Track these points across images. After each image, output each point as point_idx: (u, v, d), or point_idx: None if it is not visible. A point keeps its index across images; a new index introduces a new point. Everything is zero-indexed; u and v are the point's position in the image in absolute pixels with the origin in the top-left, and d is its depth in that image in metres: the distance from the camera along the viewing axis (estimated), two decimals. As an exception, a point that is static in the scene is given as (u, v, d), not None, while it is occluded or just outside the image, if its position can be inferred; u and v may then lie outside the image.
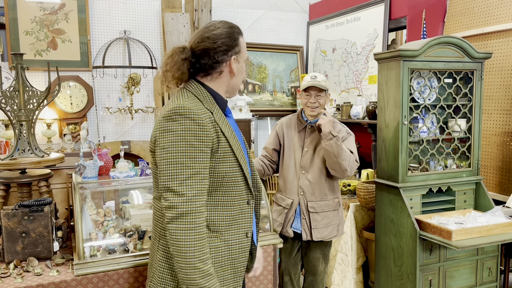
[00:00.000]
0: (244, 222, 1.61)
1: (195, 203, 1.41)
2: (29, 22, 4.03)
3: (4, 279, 1.90)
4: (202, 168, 1.44)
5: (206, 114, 1.48)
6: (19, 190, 2.42)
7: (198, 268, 1.40)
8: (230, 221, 1.57)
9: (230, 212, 1.56)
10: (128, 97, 4.30)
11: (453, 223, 2.58)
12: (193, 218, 1.41)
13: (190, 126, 1.43)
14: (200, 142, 1.43)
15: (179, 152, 1.42)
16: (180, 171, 1.41)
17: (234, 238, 1.58)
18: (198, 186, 1.43)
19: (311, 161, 2.63)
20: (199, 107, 1.48)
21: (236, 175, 1.55)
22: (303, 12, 5.15)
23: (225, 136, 1.51)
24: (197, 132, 1.43)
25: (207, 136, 1.45)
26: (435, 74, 2.82)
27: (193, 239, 1.40)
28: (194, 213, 1.41)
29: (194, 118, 1.43)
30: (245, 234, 1.61)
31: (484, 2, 3.33)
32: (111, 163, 2.49)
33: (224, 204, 1.55)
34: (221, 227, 1.55)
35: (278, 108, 4.87)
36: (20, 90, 2.41)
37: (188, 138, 1.42)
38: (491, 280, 2.83)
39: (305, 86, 2.63)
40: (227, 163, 1.52)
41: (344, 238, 3.29)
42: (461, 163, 2.95)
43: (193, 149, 1.42)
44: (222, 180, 1.52)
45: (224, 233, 1.56)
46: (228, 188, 1.55)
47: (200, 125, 1.44)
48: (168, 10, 4.34)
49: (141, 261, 2.02)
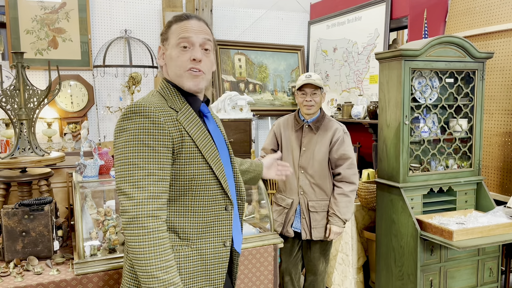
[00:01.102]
0: (221, 230, 1.48)
1: (147, 206, 1.29)
2: (30, 21, 4.03)
3: (4, 278, 1.90)
4: (158, 169, 1.32)
5: (166, 112, 1.37)
6: (20, 189, 2.42)
7: (157, 277, 1.28)
8: (203, 228, 1.44)
9: (203, 219, 1.43)
10: (129, 96, 4.30)
11: (454, 223, 2.58)
12: (146, 223, 1.28)
13: (144, 125, 1.32)
14: (156, 142, 1.32)
15: (131, 152, 1.31)
16: (132, 173, 1.30)
17: (208, 247, 1.45)
18: (152, 189, 1.30)
19: (310, 161, 2.63)
20: (158, 104, 1.37)
21: (207, 178, 1.42)
22: (304, 12, 5.15)
23: (189, 135, 1.39)
24: (151, 130, 1.32)
25: (164, 135, 1.33)
26: (436, 74, 2.81)
27: (147, 246, 1.28)
28: (146, 217, 1.29)
29: (148, 116, 1.32)
30: (223, 243, 1.48)
31: (485, 2, 3.32)
32: (112, 162, 2.48)
33: (195, 210, 1.42)
34: (193, 234, 1.43)
35: (279, 107, 4.87)
36: (21, 89, 2.40)
37: (142, 137, 1.31)
38: (492, 280, 2.82)
39: (300, 84, 2.65)
40: (195, 164, 1.40)
41: (345, 238, 3.28)
42: (462, 163, 2.94)
43: (147, 148, 1.31)
44: (191, 183, 1.40)
45: (196, 241, 1.43)
46: (199, 193, 1.42)
47: (156, 123, 1.33)
48: (169, 9, 4.34)
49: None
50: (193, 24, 1.46)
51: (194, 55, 1.43)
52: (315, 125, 2.66)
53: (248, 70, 4.81)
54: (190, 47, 1.44)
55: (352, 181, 2.61)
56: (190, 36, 1.44)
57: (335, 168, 2.64)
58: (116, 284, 1.97)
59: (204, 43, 1.46)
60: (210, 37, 1.49)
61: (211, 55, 1.50)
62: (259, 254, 2.26)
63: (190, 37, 1.44)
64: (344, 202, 2.58)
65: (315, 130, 2.65)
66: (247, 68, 4.81)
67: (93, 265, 1.95)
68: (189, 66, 1.44)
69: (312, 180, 2.63)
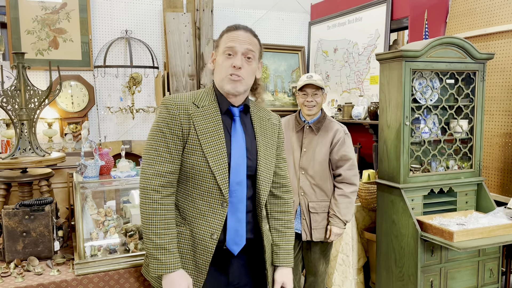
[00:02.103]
0: (212, 222, 1.60)
1: (151, 181, 1.55)
2: (31, 21, 4.03)
3: (5, 278, 1.90)
4: (166, 152, 1.56)
5: (184, 106, 1.59)
6: (20, 190, 2.42)
7: (151, 240, 1.53)
8: (197, 214, 1.61)
9: (198, 206, 1.61)
10: (129, 97, 4.30)
11: (454, 224, 2.58)
12: (149, 195, 1.54)
13: (163, 114, 1.59)
14: (168, 129, 1.57)
15: (151, 135, 1.59)
16: (148, 152, 1.58)
17: (199, 233, 1.61)
18: (157, 167, 1.56)
19: (311, 161, 2.63)
20: (182, 99, 1.61)
21: (203, 170, 1.58)
22: (304, 13, 5.15)
23: (195, 129, 1.58)
24: (167, 119, 1.58)
25: (176, 125, 1.57)
26: (437, 75, 2.81)
27: (148, 213, 1.54)
28: (150, 190, 1.54)
29: (168, 107, 1.59)
30: (210, 234, 1.60)
31: (486, 3, 3.32)
32: (112, 162, 2.48)
33: (192, 196, 1.62)
34: (188, 217, 1.63)
35: (280, 108, 4.87)
36: (22, 89, 2.40)
37: (159, 124, 1.58)
38: (492, 281, 2.82)
39: (301, 85, 2.65)
40: (194, 156, 1.58)
41: (345, 238, 3.28)
42: (463, 164, 2.94)
43: (160, 133, 1.57)
44: (191, 171, 1.60)
45: (190, 223, 1.62)
46: (197, 182, 1.60)
47: (171, 114, 1.58)
48: (169, 9, 4.34)
49: (142, 261, 2.02)
50: (240, 34, 1.63)
51: (234, 62, 1.61)
52: (316, 126, 2.66)
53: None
54: (233, 55, 1.62)
55: (353, 182, 2.61)
56: (234, 46, 1.61)
57: (336, 169, 2.64)
58: (116, 284, 1.97)
59: (246, 52, 1.63)
60: (253, 48, 1.65)
61: (253, 63, 1.66)
62: (259, 255, 2.26)
63: (234, 46, 1.61)
64: (344, 203, 2.58)
65: (316, 131, 2.65)
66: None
67: (93, 265, 1.96)
68: (230, 72, 1.61)
69: (313, 181, 2.63)
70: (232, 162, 1.61)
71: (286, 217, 1.83)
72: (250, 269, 1.74)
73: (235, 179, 1.61)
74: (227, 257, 1.67)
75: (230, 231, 1.63)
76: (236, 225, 1.63)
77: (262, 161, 1.69)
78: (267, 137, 1.75)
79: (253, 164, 1.67)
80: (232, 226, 1.63)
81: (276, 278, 1.77)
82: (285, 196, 1.85)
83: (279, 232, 1.81)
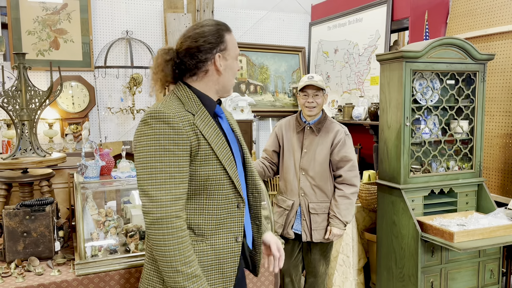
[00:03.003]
0: (233, 226, 1.56)
1: (170, 208, 1.39)
2: (32, 22, 4.04)
3: (6, 278, 1.90)
4: (178, 172, 1.41)
5: (184, 117, 1.44)
6: (21, 190, 2.42)
7: (181, 271, 1.39)
8: (216, 225, 1.53)
9: (216, 216, 1.52)
10: (130, 97, 4.30)
11: (455, 225, 2.58)
12: (170, 223, 1.38)
13: (165, 130, 1.40)
14: (175, 146, 1.40)
15: (153, 156, 1.39)
16: (155, 176, 1.39)
17: (221, 242, 1.54)
18: (174, 191, 1.40)
19: (311, 162, 2.63)
20: (177, 110, 1.45)
21: (221, 178, 1.51)
22: (305, 13, 5.15)
23: (205, 138, 1.47)
24: (171, 136, 1.40)
25: (183, 140, 1.42)
26: (437, 76, 2.81)
27: (172, 244, 1.39)
28: (170, 217, 1.39)
29: (168, 122, 1.40)
30: (235, 238, 1.56)
31: (486, 4, 3.32)
32: (113, 163, 2.48)
33: (209, 208, 1.51)
34: (207, 231, 1.52)
35: (280, 109, 4.87)
36: (22, 90, 2.41)
37: (162, 142, 1.40)
38: (492, 282, 2.82)
39: (302, 85, 2.65)
40: (209, 166, 1.48)
41: (346, 239, 3.28)
42: (463, 164, 2.94)
43: (168, 153, 1.40)
44: (205, 183, 1.49)
45: (210, 237, 1.52)
46: (213, 192, 1.50)
47: (175, 129, 1.41)
48: (170, 10, 4.35)
49: (142, 261, 2.02)
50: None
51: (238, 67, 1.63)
52: (317, 126, 2.66)
53: (249, 71, 4.82)
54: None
55: (353, 183, 2.61)
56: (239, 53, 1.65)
57: (336, 170, 2.64)
58: (117, 285, 1.97)
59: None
60: None
61: None
62: (260, 255, 2.26)
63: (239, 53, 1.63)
64: (345, 204, 2.58)
65: (317, 132, 2.65)
66: (248, 69, 4.82)
67: (94, 266, 1.96)
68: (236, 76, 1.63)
69: (313, 182, 2.63)
70: (236, 161, 1.59)
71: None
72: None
73: (240, 175, 1.61)
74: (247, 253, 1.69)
75: (247, 228, 1.65)
76: (248, 221, 1.65)
77: (247, 154, 1.69)
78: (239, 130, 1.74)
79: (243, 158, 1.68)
80: (247, 223, 1.64)
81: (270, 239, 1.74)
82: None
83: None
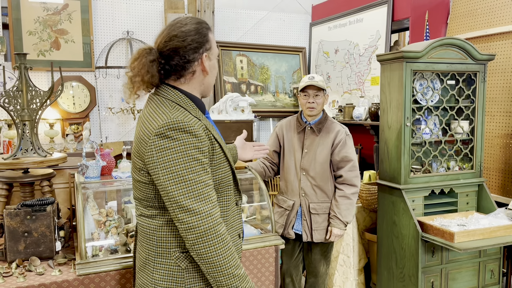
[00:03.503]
0: (236, 223, 1.59)
1: (214, 215, 1.36)
2: (33, 22, 4.04)
3: (6, 278, 1.90)
4: (209, 179, 1.39)
5: (198, 123, 1.40)
6: (22, 190, 2.43)
7: (237, 275, 1.38)
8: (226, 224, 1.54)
9: (225, 216, 1.53)
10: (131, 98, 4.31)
11: (455, 225, 2.58)
12: (218, 232, 1.36)
13: (189, 140, 1.36)
14: (201, 154, 1.37)
15: (185, 169, 1.34)
16: (191, 188, 1.34)
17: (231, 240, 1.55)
18: (212, 198, 1.38)
19: (312, 162, 2.63)
20: (188, 117, 1.40)
21: (229, 179, 1.53)
22: (305, 13, 5.15)
23: (217, 142, 1.46)
24: (196, 144, 1.36)
25: (205, 147, 1.39)
26: (437, 76, 2.81)
27: (223, 252, 1.36)
28: (217, 225, 1.36)
29: (190, 131, 1.36)
30: (238, 235, 1.60)
31: (487, 4, 3.32)
32: (114, 163, 2.49)
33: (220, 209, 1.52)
34: None
35: (280, 109, 4.87)
36: (23, 90, 2.41)
37: (190, 152, 1.35)
38: (493, 282, 2.82)
39: (302, 86, 2.65)
40: (222, 168, 1.48)
41: (346, 239, 3.28)
42: (464, 165, 2.94)
43: (197, 162, 1.36)
44: (219, 186, 1.48)
45: None
46: (223, 193, 1.51)
47: (197, 137, 1.37)
48: (171, 11, 4.35)
49: (143, 261, 2.02)
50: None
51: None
52: (317, 127, 2.67)
53: (249, 71, 4.82)
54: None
55: (354, 184, 2.61)
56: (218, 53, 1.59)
57: (337, 170, 2.65)
58: (118, 285, 1.97)
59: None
60: None
61: None
62: (260, 255, 2.26)
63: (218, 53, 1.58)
64: (345, 204, 2.58)
65: (317, 132, 2.66)
66: (248, 69, 4.82)
67: (95, 265, 1.96)
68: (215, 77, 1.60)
69: (314, 182, 2.63)
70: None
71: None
72: None
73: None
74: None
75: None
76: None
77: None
78: None
79: None
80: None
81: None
82: None
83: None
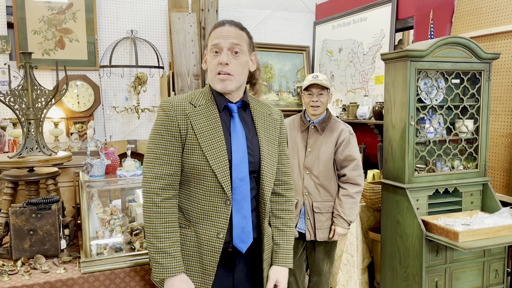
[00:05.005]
0: (217, 221, 1.58)
1: (151, 184, 1.54)
2: (37, 22, 4.06)
3: (12, 276, 1.92)
4: (165, 155, 1.56)
5: (181, 106, 1.58)
6: (27, 188, 2.44)
7: (153, 243, 1.53)
8: (202, 215, 1.59)
9: (202, 206, 1.59)
10: (135, 97, 4.32)
11: (459, 224, 2.57)
12: (150, 198, 1.54)
13: (161, 117, 1.58)
14: (166, 131, 1.56)
15: (150, 139, 1.59)
16: (148, 156, 1.58)
17: (204, 233, 1.59)
18: (156, 170, 1.55)
19: (315, 161, 2.63)
20: (178, 100, 1.59)
21: (204, 170, 1.56)
22: (309, 12, 5.14)
23: (193, 129, 1.56)
24: (164, 121, 1.57)
25: (173, 126, 1.56)
26: (442, 75, 2.80)
27: (149, 216, 1.54)
28: (150, 193, 1.54)
29: (164, 109, 1.58)
30: (216, 234, 1.58)
31: (492, 2, 3.30)
32: (118, 162, 2.50)
33: (196, 197, 1.60)
34: (193, 218, 1.61)
35: (284, 108, 4.87)
36: (29, 89, 2.42)
37: (158, 127, 1.58)
38: (497, 282, 2.81)
39: (306, 85, 2.65)
40: (194, 155, 1.57)
41: (350, 238, 3.28)
42: (468, 164, 2.93)
43: (159, 136, 1.56)
44: (192, 172, 1.58)
45: (195, 224, 1.60)
46: (199, 182, 1.58)
47: (168, 116, 1.56)
48: (174, 9, 4.36)
49: (147, 259, 2.03)
50: (224, 29, 1.59)
51: (220, 59, 1.57)
52: (321, 125, 2.66)
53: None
54: (219, 52, 1.58)
55: (357, 183, 2.61)
56: (219, 42, 1.58)
57: (340, 169, 2.64)
58: (122, 282, 1.98)
59: (232, 47, 1.58)
60: (239, 41, 1.59)
61: (241, 57, 1.60)
62: (264, 254, 2.27)
63: (219, 43, 1.57)
64: (349, 203, 2.58)
65: (321, 131, 2.65)
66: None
67: (99, 263, 1.97)
68: (217, 70, 1.58)
69: (317, 181, 2.63)
70: (233, 158, 1.58)
71: (287, 216, 1.79)
72: (252, 269, 1.72)
73: (237, 176, 1.59)
74: (233, 257, 1.65)
75: (236, 229, 1.60)
76: (241, 223, 1.60)
77: (265, 157, 1.66)
78: (268, 133, 1.71)
79: (255, 160, 1.64)
80: (238, 224, 1.60)
81: (270, 274, 1.72)
82: (287, 194, 1.81)
83: (280, 231, 1.76)
